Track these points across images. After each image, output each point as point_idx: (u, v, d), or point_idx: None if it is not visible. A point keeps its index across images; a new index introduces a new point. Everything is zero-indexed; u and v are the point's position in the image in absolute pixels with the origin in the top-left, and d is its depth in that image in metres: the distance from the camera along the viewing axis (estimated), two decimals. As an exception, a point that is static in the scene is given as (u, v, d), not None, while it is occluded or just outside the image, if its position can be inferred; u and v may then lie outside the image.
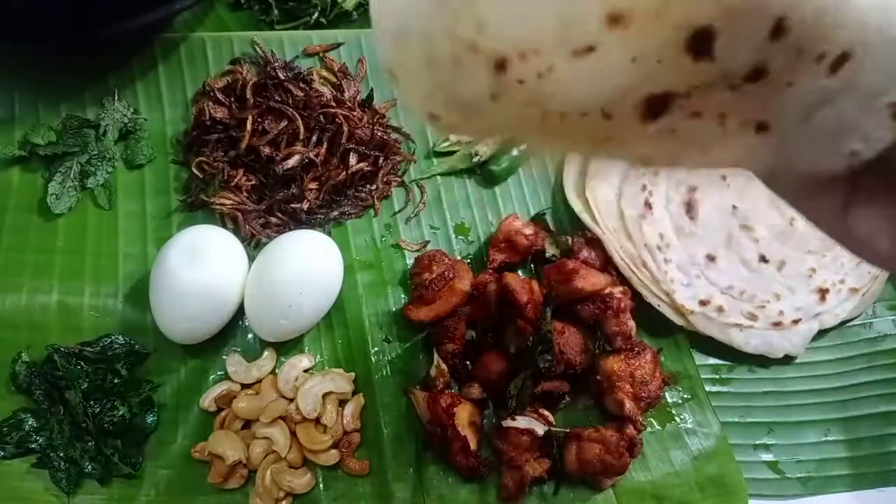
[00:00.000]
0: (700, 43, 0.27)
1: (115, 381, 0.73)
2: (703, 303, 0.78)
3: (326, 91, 0.86)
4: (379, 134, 0.86)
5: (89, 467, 0.69)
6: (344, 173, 0.83)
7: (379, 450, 0.72)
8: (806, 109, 0.28)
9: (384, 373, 0.76)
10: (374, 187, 0.86)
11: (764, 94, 0.28)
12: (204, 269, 0.72)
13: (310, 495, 0.70)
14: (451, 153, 0.89)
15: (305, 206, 0.82)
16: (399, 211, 0.86)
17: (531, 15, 0.28)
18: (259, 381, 0.74)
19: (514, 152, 0.88)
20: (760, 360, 0.79)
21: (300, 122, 0.82)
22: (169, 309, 0.72)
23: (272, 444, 0.70)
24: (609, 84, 0.29)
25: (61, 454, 0.70)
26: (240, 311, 0.75)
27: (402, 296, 0.80)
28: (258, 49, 0.91)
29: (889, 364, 0.80)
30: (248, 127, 0.82)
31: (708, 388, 0.77)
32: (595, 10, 0.27)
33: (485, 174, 0.88)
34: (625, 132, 0.31)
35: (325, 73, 0.90)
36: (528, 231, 0.81)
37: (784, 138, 0.29)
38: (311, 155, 0.81)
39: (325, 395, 0.72)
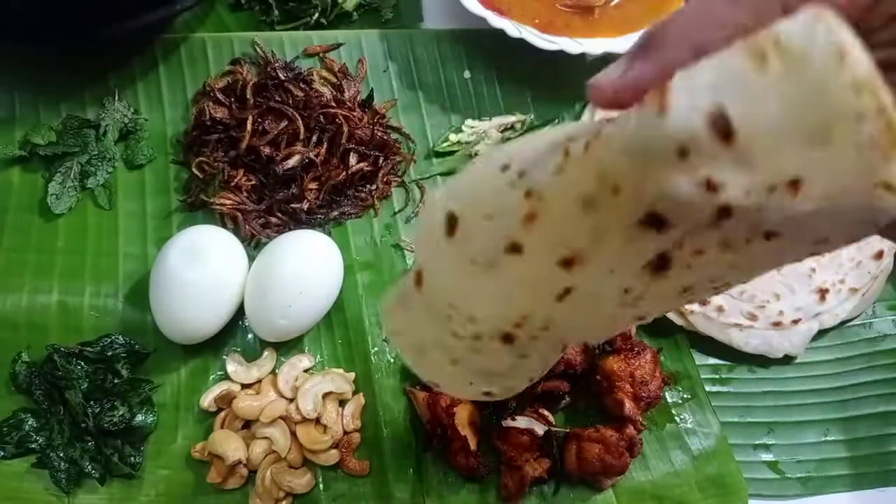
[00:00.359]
0: (652, 221, 0.27)
1: (115, 381, 0.73)
2: (702, 302, 0.78)
3: (327, 91, 0.86)
4: (379, 134, 0.86)
5: (89, 467, 0.69)
6: (344, 173, 0.83)
7: (379, 450, 0.72)
8: (799, 220, 0.26)
9: (384, 373, 0.76)
10: (374, 187, 0.86)
11: (745, 219, 0.26)
12: (204, 269, 0.72)
13: (310, 495, 0.70)
14: (451, 153, 0.89)
15: (305, 206, 0.82)
16: (399, 211, 0.86)
17: (496, 294, 0.33)
18: (259, 382, 0.74)
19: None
20: (760, 360, 0.79)
21: (300, 122, 0.82)
22: (169, 309, 0.72)
23: (272, 445, 0.70)
24: (602, 300, 0.32)
25: (61, 454, 0.70)
26: (240, 311, 0.75)
27: (402, 296, 0.80)
28: (258, 49, 0.91)
29: (889, 364, 0.80)
30: (249, 127, 0.82)
31: (708, 388, 0.77)
32: (546, 269, 0.30)
33: (485, 174, 0.88)
34: (650, 293, 0.32)
35: (325, 74, 0.90)
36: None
37: (801, 233, 0.28)
38: (312, 155, 0.81)
39: (325, 395, 0.72)
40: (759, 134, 0.23)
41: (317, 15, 0.97)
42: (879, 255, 0.81)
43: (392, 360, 0.76)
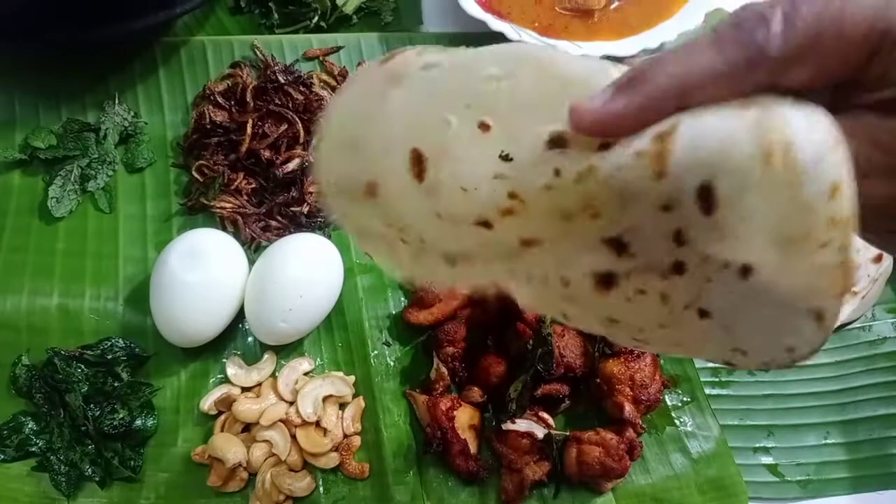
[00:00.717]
0: (616, 244, 0.28)
1: (116, 384, 0.73)
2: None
3: (326, 94, 0.86)
4: (379, 137, 0.86)
5: (89, 470, 0.69)
6: (344, 177, 0.83)
7: (379, 453, 0.72)
8: (734, 305, 0.28)
9: (384, 376, 0.76)
10: (374, 190, 0.86)
11: (692, 284, 0.28)
12: (204, 272, 0.72)
13: (310, 498, 0.70)
14: (451, 156, 0.89)
15: (306, 209, 0.82)
16: (399, 214, 0.86)
17: (452, 238, 0.34)
18: (259, 385, 0.74)
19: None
20: (760, 363, 0.79)
21: (300, 125, 0.82)
22: (169, 312, 0.72)
23: (272, 448, 0.70)
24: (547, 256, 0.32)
25: (61, 457, 0.70)
26: (240, 315, 0.75)
27: (402, 299, 0.80)
28: (258, 53, 0.91)
29: (888, 367, 0.80)
30: (249, 130, 0.82)
31: (707, 390, 0.77)
32: (507, 240, 0.31)
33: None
34: (584, 298, 0.32)
35: (325, 77, 0.90)
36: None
37: (728, 330, 0.29)
38: (312, 158, 0.81)
39: (325, 399, 0.72)
40: (738, 219, 0.25)
41: (316, 18, 0.97)
42: (879, 259, 0.81)
43: (392, 364, 0.76)
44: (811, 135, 0.24)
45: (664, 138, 0.25)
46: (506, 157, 0.29)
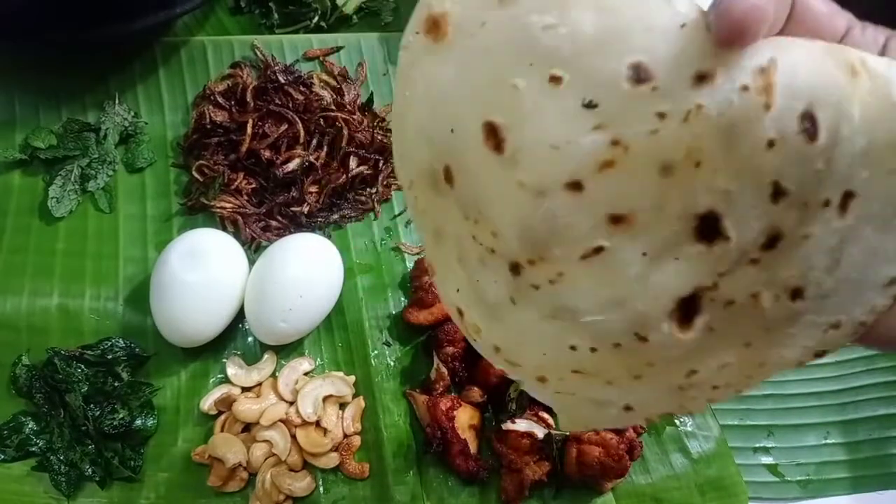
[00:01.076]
0: (708, 227, 0.27)
1: (116, 384, 0.73)
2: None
3: (326, 95, 0.86)
4: (379, 137, 0.86)
5: (89, 470, 0.69)
6: (344, 177, 0.83)
7: (379, 453, 0.72)
8: (831, 255, 0.28)
9: (384, 376, 0.76)
10: (374, 191, 0.86)
11: (786, 256, 0.28)
12: (204, 272, 0.72)
13: (310, 498, 0.70)
14: (451, 156, 0.89)
15: (306, 209, 0.82)
16: (399, 214, 0.86)
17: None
18: (259, 385, 0.74)
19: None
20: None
21: (300, 125, 0.82)
22: (169, 312, 0.72)
23: (272, 448, 0.70)
24: (633, 294, 0.29)
25: (61, 457, 0.70)
26: (240, 315, 0.75)
27: (402, 299, 0.80)
28: (258, 53, 0.91)
29: (888, 367, 0.80)
30: (249, 130, 0.82)
31: (707, 390, 0.77)
32: (591, 219, 0.28)
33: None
34: (664, 352, 0.30)
35: (325, 77, 0.90)
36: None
37: (823, 301, 0.29)
38: (312, 158, 0.82)
39: (325, 399, 0.72)
40: (835, 139, 0.26)
41: (316, 18, 0.97)
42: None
43: (392, 364, 0.77)
44: (878, 57, 0.26)
45: (767, 70, 0.25)
46: (589, 105, 0.27)
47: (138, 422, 0.72)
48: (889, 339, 0.30)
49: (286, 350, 0.77)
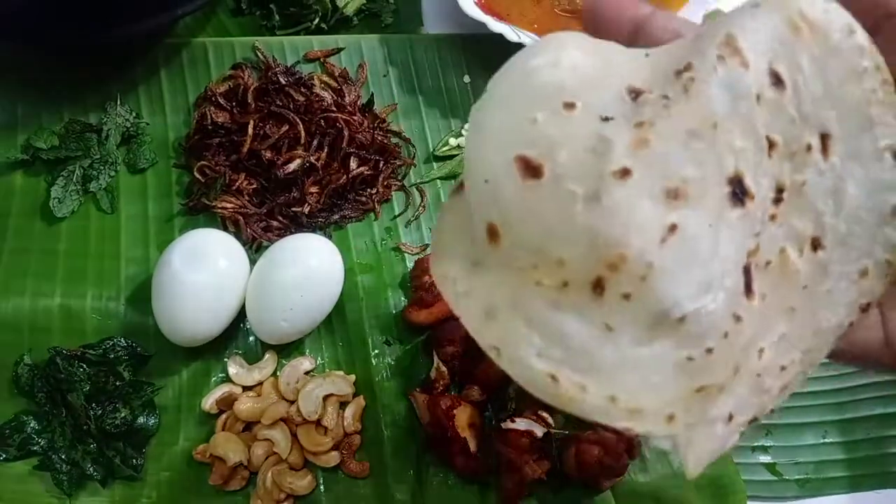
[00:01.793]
0: (739, 188, 0.29)
1: (117, 383, 0.73)
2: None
3: (327, 96, 0.87)
4: (379, 138, 0.86)
5: (91, 469, 0.70)
6: (345, 177, 0.83)
7: (379, 452, 0.72)
8: (832, 197, 0.30)
9: (384, 375, 0.76)
10: (374, 191, 0.86)
11: (794, 207, 0.30)
12: (206, 272, 0.72)
13: (310, 497, 0.70)
14: (451, 157, 0.90)
15: (306, 209, 0.82)
16: (399, 214, 0.86)
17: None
18: (260, 384, 0.75)
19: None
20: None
21: (301, 126, 0.83)
22: (171, 311, 0.72)
23: (273, 446, 0.71)
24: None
25: (63, 456, 0.70)
26: (241, 314, 0.76)
27: (403, 298, 0.81)
28: (259, 54, 0.92)
29: (886, 366, 0.80)
30: (250, 131, 0.82)
31: (706, 390, 0.77)
32: (651, 199, 0.28)
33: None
34: (748, 330, 0.29)
35: (325, 78, 0.91)
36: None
37: (839, 248, 0.30)
38: (312, 159, 0.82)
39: (325, 398, 0.73)
40: (801, 85, 0.29)
41: (317, 20, 0.97)
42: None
43: (392, 363, 0.77)
44: (813, 3, 0.29)
45: (729, 39, 0.29)
46: (606, 119, 0.29)
47: (140, 421, 0.72)
48: (857, 355, 0.32)
49: (287, 349, 0.77)
